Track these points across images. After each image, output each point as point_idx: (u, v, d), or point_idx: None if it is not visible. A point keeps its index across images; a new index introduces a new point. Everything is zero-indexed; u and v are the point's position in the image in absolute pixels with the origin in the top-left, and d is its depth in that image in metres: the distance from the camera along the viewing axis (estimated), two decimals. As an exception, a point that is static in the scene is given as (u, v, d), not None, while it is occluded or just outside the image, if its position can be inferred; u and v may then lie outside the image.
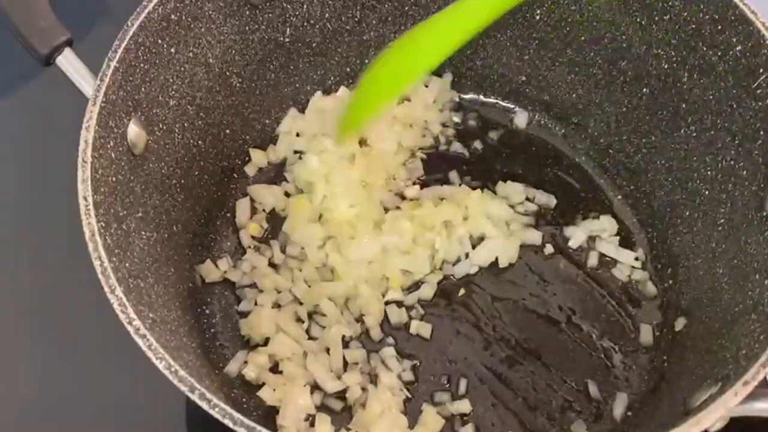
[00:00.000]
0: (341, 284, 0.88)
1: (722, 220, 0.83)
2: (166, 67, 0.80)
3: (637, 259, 0.92)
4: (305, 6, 0.92)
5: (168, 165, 0.82)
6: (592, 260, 0.92)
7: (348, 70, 1.00)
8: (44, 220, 0.95)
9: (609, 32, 0.91)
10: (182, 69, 0.82)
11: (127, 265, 0.69)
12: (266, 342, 0.85)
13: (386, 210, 0.93)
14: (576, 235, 0.94)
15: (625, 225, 0.95)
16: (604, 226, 0.94)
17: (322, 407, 0.82)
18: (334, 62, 0.98)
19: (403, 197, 0.95)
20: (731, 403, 0.62)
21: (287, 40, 0.93)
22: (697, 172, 0.87)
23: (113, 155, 0.72)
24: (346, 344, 0.86)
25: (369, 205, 0.92)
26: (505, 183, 0.96)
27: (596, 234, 0.94)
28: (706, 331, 0.80)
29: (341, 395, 0.83)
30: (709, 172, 0.85)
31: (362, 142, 0.96)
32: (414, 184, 0.97)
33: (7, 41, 0.77)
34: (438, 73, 1.02)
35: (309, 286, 0.89)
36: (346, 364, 0.85)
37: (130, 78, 0.75)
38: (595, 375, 0.85)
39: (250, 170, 0.97)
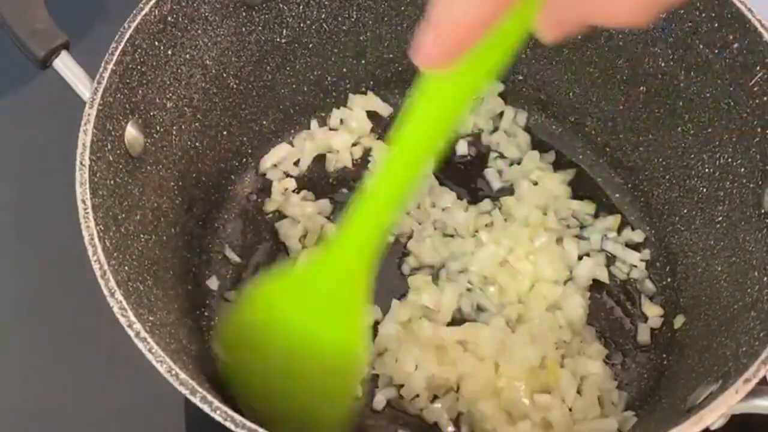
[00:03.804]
0: None
1: (720, 218, 0.83)
2: (162, 69, 0.79)
3: (641, 259, 0.92)
4: (301, 7, 0.92)
5: (165, 167, 0.82)
6: (591, 259, 0.92)
7: (345, 70, 0.99)
8: (42, 223, 0.95)
9: (605, 30, 0.90)
10: (179, 71, 0.82)
11: (126, 268, 0.69)
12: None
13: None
14: (574, 234, 0.93)
15: (623, 224, 0.95)
16: (609, 224, 0.94)
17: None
18: (331, 63, 0.98)
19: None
20: (732, 400, 0.62)
21: (284, 41, 0.93)
22: (694, 169, 0.87)
23: (111, 158, 0.72)
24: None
25: None
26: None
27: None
28: (706, 328, 0.80)
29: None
30: (706, 170, 0.85)
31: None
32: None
33: (3, 44, 0.76)
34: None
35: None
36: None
37: (127, 80, 0.74)
38: (594, 374, 0.85)
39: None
